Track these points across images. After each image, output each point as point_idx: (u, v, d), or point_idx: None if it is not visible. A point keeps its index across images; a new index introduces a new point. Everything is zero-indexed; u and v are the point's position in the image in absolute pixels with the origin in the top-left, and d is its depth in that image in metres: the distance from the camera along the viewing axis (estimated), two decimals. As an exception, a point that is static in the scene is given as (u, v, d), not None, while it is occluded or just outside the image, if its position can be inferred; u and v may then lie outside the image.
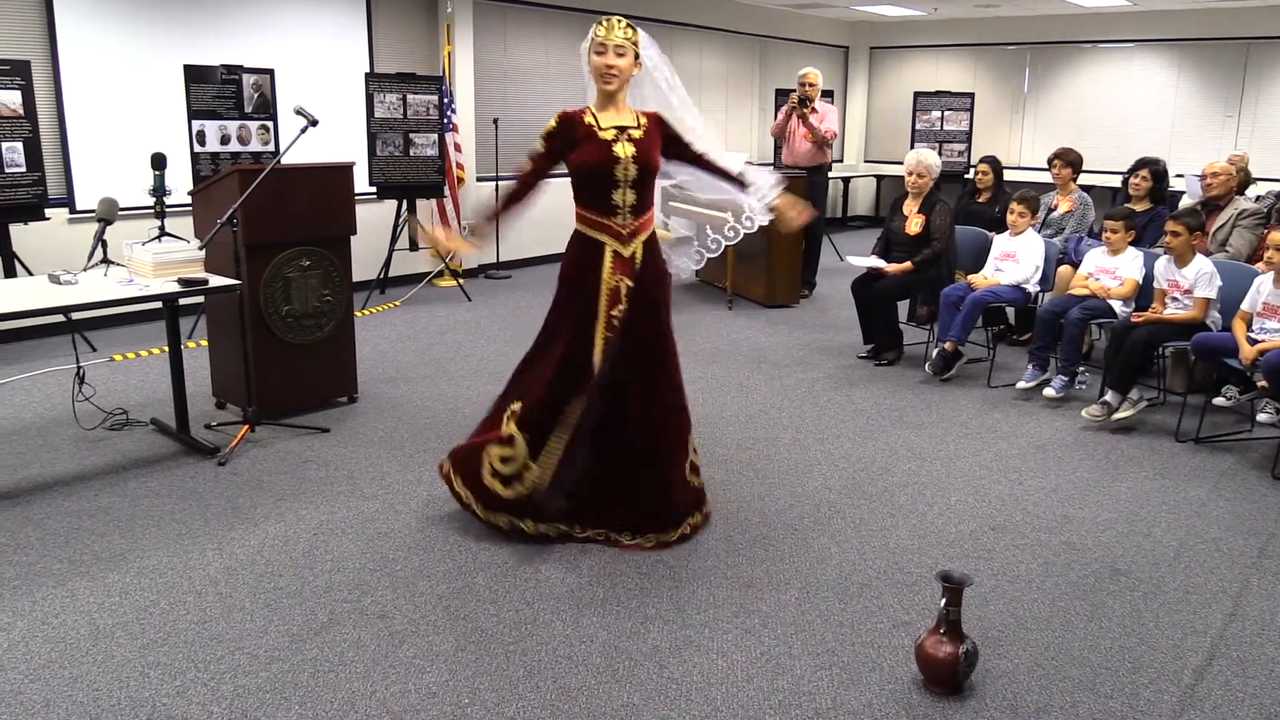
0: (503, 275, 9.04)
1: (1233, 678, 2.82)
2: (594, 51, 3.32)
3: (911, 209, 6.14)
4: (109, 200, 4.56)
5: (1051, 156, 6.62)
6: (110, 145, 6.60)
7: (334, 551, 3.48)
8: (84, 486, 4.01)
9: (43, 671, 2.74)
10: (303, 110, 4.42)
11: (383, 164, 7.63)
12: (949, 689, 2.70)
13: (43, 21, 6.30)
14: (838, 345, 6.59)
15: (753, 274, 7.87)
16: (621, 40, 3.31)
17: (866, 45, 13.51)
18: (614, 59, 3.30)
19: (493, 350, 6.23)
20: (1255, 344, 4.53)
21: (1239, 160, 7.23)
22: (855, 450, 4.61)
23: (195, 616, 3.03)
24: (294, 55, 7.46)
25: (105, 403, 4.87)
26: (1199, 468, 4.47)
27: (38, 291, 4.01)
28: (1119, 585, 3.35)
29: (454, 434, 4.66)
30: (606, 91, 3.36)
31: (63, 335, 5.95)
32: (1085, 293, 5.37)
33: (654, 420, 3.50)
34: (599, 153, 3.32)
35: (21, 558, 3.39)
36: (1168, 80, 11.34)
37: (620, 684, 2.72)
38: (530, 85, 9.38)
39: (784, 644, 2.93)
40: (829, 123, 7.96)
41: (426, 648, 2.88)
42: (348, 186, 4.99)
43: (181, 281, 4.17)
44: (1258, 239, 5.57)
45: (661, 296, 3.52)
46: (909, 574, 3.38)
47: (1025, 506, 4.00)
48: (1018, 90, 12.44)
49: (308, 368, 4.91)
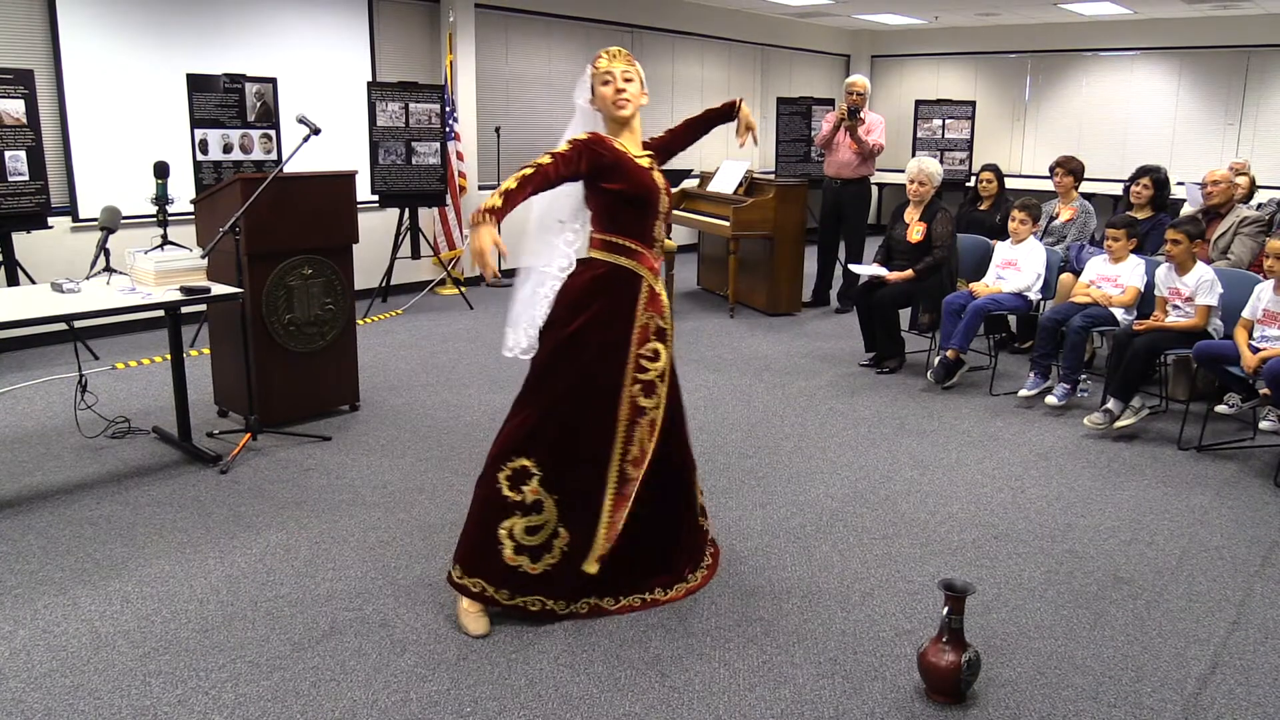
0: (504, 283, 9.01)
1: (1236, 686, 2.81)
2: (599, 83, 3.06)
3: (913, 217, 6.15)
4: (112, 209, 4.57)
5: (1053, 164, 6.63)
6: (113, 154, 6.62)
7: (335, 560, 3.48)
8: (86, 494, 4.01)
9: (44, 680, 2.74)
10: (305, 119, 4.43)
11: (385, 172, 7.64)
12: (951, 698, 2.69)
13: (46, 31, 6.32)
14: (839, 353, 6.59)
15: (754, 282, 7.88)
16: (626, 67, 3.07)
17: (868, 54, 13.53)
18: (623, 84, 3.05)
19: (494, 359, 6.23)
20: (1257, 352, 4.53)
21: (1241, 167, 7.24)
22: (857, 458, 4.60)
23: (197, 625, 3.03)
24: (296, 64, 7.48)
25: (107, 411, 4.88)
26: (1201, 476, 4.47)
27: (40, 300, 4.01)
28: (1122, 593, 3.34)
29: (455, 442, 4.68)
30: (621, 119, 3.08)
31: (65, 343, 5.96)
32: (1087, 300, 5.37)
33: (686, 463, 3.31)
34: (644, 180, 3.06)
35: (23, 566, 3.39)
36: (1168, 88, 11.36)
37: (622, 693, 2.72)
38: (532, 94, 9.40)
39: (786, 652, 2.93)
40: (876, 135, 7.65)
41: (428, 656, 2.88)
42: (350, 195, 5.00)
43: (184, 290, 4.17)
44: (1259, 246, 5.57)
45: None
46: (911, 582, 3.38)
47: (1027, 514, 3.99)
48: (1019, 98, 12.45)
49: (309, 376, 4.92)
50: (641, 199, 3.07)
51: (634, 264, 3.08)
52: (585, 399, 3.05)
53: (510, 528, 3.01)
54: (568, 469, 3.04)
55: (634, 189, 3.04)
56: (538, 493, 3.01)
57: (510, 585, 3.02)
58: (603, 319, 3.05)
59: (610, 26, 9.86)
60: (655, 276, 3.14)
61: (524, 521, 3.02)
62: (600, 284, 3.06)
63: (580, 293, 3.06)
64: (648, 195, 3.08)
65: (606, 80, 3.06)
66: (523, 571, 3.02)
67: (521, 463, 3.02)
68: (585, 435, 3.06)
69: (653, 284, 3.12)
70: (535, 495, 3.01)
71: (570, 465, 3.05)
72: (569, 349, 3.04)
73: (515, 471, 3.02)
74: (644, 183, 3.07)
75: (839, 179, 7.83)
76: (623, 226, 3.08)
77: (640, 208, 3.08)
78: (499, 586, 3.02)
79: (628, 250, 3.08)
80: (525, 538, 3.02)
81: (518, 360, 3.13)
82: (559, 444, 3.04)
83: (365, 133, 7.60)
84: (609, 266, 3.07)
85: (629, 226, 3.08)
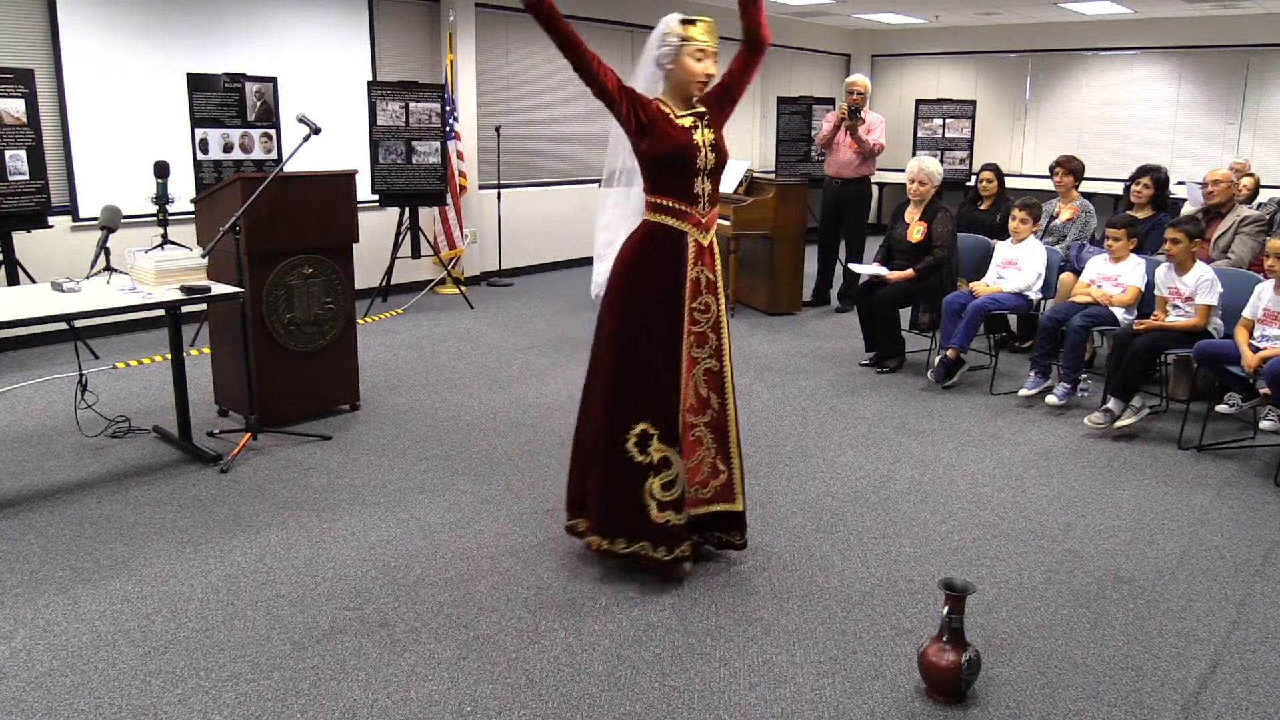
0: (505, 283, 9.05)
1: (1236, 686, 2.81)
2: (690, 55, 3.10)
3: (913, 216, 6.15)
4: (112, 208, 4.57)
5: (1053, 164, 6.63)
6: (113, 153, 6.62)
7: (336, 559, 3.48)
8: (86, 494, 4.01)
9: (44, 679, 2.74)
10: (305, 118, 4.43)
11: (385, 172, 7.64)
12: (952, 697, 2.69)
13: (46, 30, 6.32)
14: (839, 353, 6.59)
15: (755, 282, 7.88)
16: (714, 43, 3.14)
17: (868, 53, 13.53)
18: (712, 66, 3.14)
19: (495, 358, 6.23)
20: (1257, 351, 4.53)
21: (1242, 167, 7.24)
22: (857, 458, 4.60)
23: (197, 624, 3.03)
24: (297, 63, 7.48)
25: (107, 410, 4.88)
26: (1202, 475, 4.47)
27: (40, 299, 4.02)
28: (1122, 593, 3.34)
29: (455, 442, 4.68)
30: (694, 95, 3.17)
31: (65, 343, 5.95)
32: (1087, 300, 5.37)
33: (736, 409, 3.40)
34: (681, 139, 3.13)
35: (23, 565, 3.39)
36: (1169, 88, 11.36)
37: (623, 692, 2.72)
38: (532, 93, 9.40)
39: (786, 652, 2.93)
40: (877, 134, 7.64)
41: (428, 656, 2.88)
42: (350, 194, 5.00)
43: (184, 289, 4.17)
44: (1259, 246, 5.58)
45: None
46: (911, 582, 3.38)
47: (1028, 514, 3.99)
48: (1019, 98, 12.45)
49: (310, 375, 4.92)
50: (676, 157, 3.15)
51: (677, 222, 3.19)
52: (656, 354, 3.21)
53: (650, 488, 3.22)
54: (671, 420, 3.23)
55: (665, 149, 3.12)
56: (662, 450, 3.22)
57: (666, 542, 3.23)
58: (655, 277, 3.20)
59: (610, 26, 9.85)
60: (703, 231, 3.23)
61: (659, 480, 3.22)
62: (645, 246, 3.22)
63: (633, 257, 3.23)
64: (683, 153, 3.15)
65: (700, 56, 3.13)
66: (670, 527, 3.23)
67: (641, 427, 3.21)
68: (667, 387, 3.22)
69: (699, 239, 3.22)
70: (661, 453, 3.22)
71: (670, 416, 3.23)
72: (630, 312, 3.22)
73: (639, 437, 3.21)
74: (678, 142, 3.14)
75: (839, 178, 7.82)
76: (664, 186, 3.19)
77: (678, 166, 3.16)
78: (654, 545, 3.23)
79: (671, 209, 3.19)
80: (665, 494, 3.23)
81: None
82: (655, 400, 3.22)
83: (365, 132, 7.60)
84: (653, 227, 3.22)
85: (670, 186, 3.18)
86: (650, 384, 3.21)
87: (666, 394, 3.21)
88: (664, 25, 3.15)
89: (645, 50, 3.21)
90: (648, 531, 3.22)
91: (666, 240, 3.20)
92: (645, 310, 3.21)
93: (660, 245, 3.20)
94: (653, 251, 3.21)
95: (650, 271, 3.20)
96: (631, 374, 3.22)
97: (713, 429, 3.28)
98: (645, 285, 3.21)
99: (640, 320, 3.21)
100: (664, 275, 3.20)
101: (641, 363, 3.22)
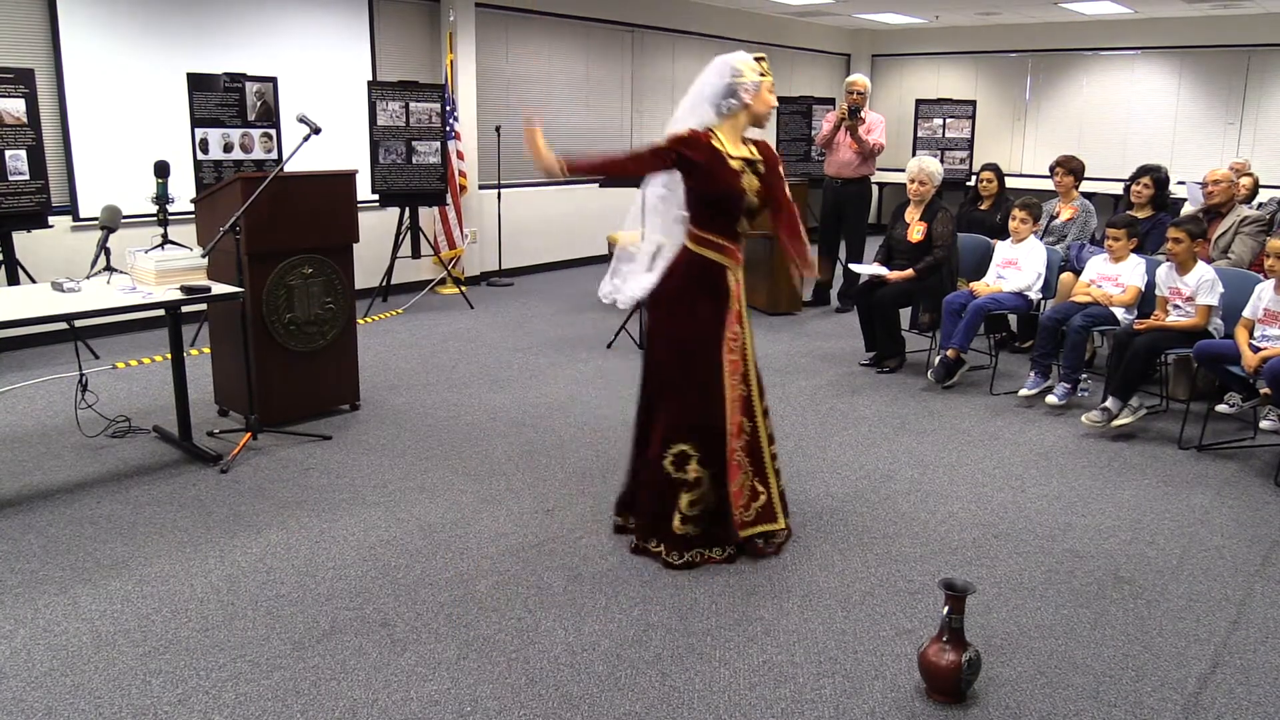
0: (505, 283, 9.05)
1: (1236, 686, 2.81)
2: (770, 90, 3.38)
3: (913, 216, 6.15)
4: (112, 208, 4.57)
5: (1053, 164, 6.63)
6: (113, 153, 6.62)
7: (336, 559, 3.48)
8: (86, 494, 4.01)
9: (44, 679, 2.74)
10: (305, 118, 4.43)
11: (385, 172, 7.64)
12: (952, 697, 2.69)
13: (46, 30, 6.32)
14: (840, 353, 6.59)
15: (755, 282, 7.85)
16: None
17: (868, 53, 13.53)
18: (775, 100, 3.41)
19: (495, 358, 6.23)
20: (1257, 351, 4.53)
21: (1243, 167, 7.23)
22: (857, 458, 4.60)
23: (197, 624, 3.03)
24: (297, 63, 7.48)
25: (108, 410, 4.88)
26: (1202, 475, 4.47)
27: (41, 299, 4.02)
28: (1122, 593, 3.34)
29: (455, 442, 4.68)
30: (759, 125, 3.44)
31: (65, 343, 5.95)
32: (1087, 300, 5.37)
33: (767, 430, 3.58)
34: (730, 184, 3.32)
35: (23, 565, 3.39)
36: (1169, 88, 11.36)
37: (623, 692, 2.72)
38: (532, 93, 9.40)
39: (786, 652, 2.93)
40: (877, 134, 7.62)
41: (428, 655, 2.88)
42: (350, 194, 5.00)
43: (184, 289, 4.18)
44: (1260, 246, 5.57)
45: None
46: (911, 582, 3.38)
47: (1028, 514, 3.99)
48: (1019, 98, 12.45)
49: (310, 375, 4.92)
50: (721, 199, 3.33)
51: (720, 256, 3.39)
52: (703, 382, 3.40)
53: (678, 503, 3.42)
54: (714, 445, 3.42)
55: (713, 191, 3.32)
56: (698, 471, 3.42)
57: (680, 548, 3.44)
58: (702, 306, 3.39)
59: (611, 26, 9.85)
60: (739, 265, 3.45)
61: (688, 496, 3.42)
62: (691, 274, 3.39)
63: (679, 285, 3.41)
64: (728, 195, 3.32)
65: (771, 89, 3.39)
66: (689, 536, 3.44)
67: (681, 447, 3.42)
68: (714, 412, 3.41)
69: (736, 274, 3.43)
70: (696, 474, 3.42)
71: (713, 441, 3.42)
72: (682, 335, 3.41)
73: (677, 456, 3.42)
74: (727, 185, 3.31)
75: (839, 178, 7.81)
76: (709, 223, 3.38)
77: (724, 206, 3.35)
78: (670, 549, 3.44)
79: (714, 244, 3.38)
80: (689, 509, 3.43)
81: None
82: (698, 425, 3.41)
83: (365, 132, 7.60)
84: (696, 258, 3.39)
85: (715, 223, 3.38)
86: (693, 409, 3.41)
87: (710, 420, 3.40)
88: (735, 64, 3.33)
89: (702, 87, 3.38)
90: (669, 539, 3.45)
91: (711, 272, 3.39)
92: (691, 341, 3.40)
93: (708, 277, 3.39)
94: (700, 283, 3.39)
95: (697, 302, 3.39)
96: (677, 398, 3.43)
97: (748, 452, 3.48)
98: (692, 315, 3.40)
99: (688, 350, 3.41)
100: (709, 307, 3.39)
101: (688, 389, 3.41)
